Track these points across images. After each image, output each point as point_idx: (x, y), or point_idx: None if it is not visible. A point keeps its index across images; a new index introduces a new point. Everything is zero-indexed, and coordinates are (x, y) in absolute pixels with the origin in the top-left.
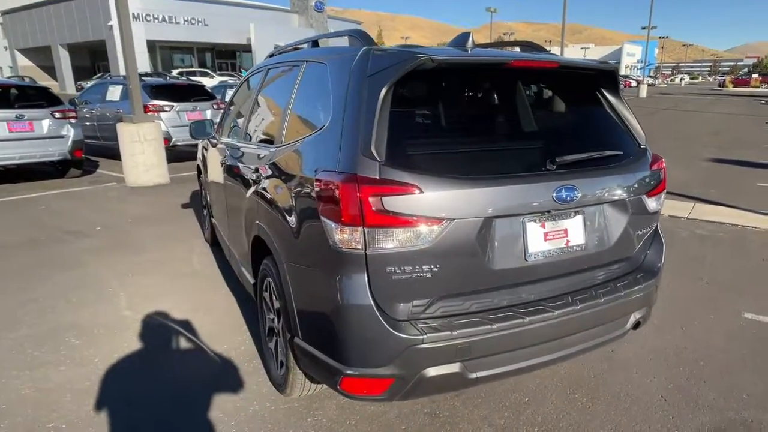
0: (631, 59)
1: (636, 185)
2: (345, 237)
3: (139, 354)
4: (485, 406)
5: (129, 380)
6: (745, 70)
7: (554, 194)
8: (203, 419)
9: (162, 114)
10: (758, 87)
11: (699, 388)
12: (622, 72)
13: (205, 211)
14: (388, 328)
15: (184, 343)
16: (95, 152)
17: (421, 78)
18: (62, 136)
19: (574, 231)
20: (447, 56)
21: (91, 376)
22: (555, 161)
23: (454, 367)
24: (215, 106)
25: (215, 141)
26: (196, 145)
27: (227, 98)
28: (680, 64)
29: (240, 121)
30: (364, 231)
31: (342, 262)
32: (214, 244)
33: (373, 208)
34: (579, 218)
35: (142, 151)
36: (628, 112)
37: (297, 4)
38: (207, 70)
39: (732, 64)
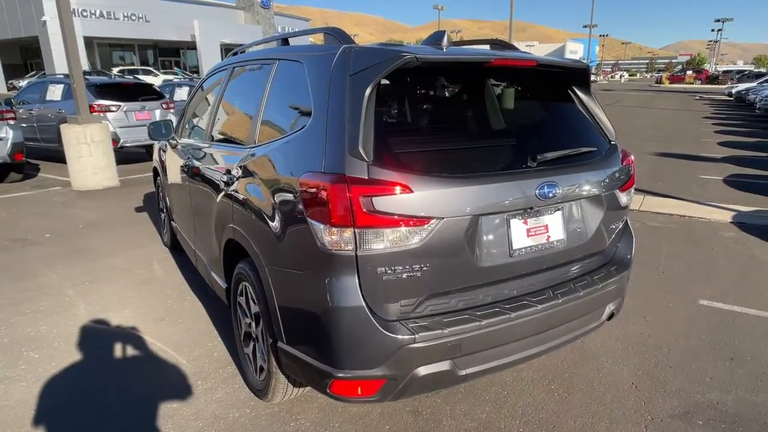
0: (573, 56)
1: (609, 180)
2: (334, 239)
3: (105, 366)
4: (466, 401)
5: (96, 394)
6: (680, 67)
7: (537, 191)
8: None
9: (108, 114)
10: (692, 83)
11: (666, 374)
12: None
13: (163, 215)
14: (380, 328)
15: (153, 353)
16: (35, 155)
17: (405, 76)
18: (0, 139)
19: (555, 226)
20: (431, 55)
21: (55, 391)
22: (536, 158)
23: (444, 365)
24: (164, 106)
25: (174, 142)
26: (145, 147)
27: (175, 97)
28: (619, 62)
29: (203, 121)
30: (354, 232)
31: (331, 264)
32: (174, 248)
33: (364, 209)
34: (558, 214)
35: (89, 153)
36: (599, 109)
37: (243, 1)
38: (150, 69)
39: (667, 61)
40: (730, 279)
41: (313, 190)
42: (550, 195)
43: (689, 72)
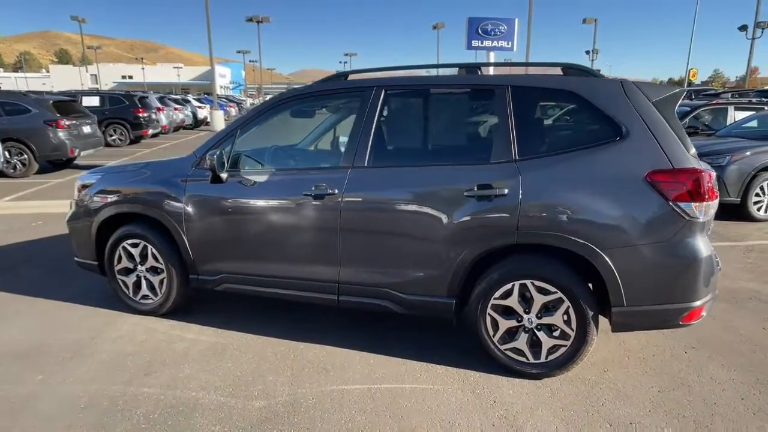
0: (223, 80)
1: None
2: (700, 211)
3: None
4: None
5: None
6: None
7: None
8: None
9: None
10: None
11: None
12: (218, 92)
13: (141, 276)
14: (716, 266)
15: (405, 394)
16: None
17: None
18: None
19: None
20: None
21: None
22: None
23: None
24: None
25: (226, 175)
26: None
27: None
28: (263, 86)
29: (333, 148)
30: (706, 204)
31: (696, 229)
32: (175, 312)
33: (712, 188)
34: None
35: None
36: None
37: None
38: None
39: (299, 85)
40: None
41: (677, 180)
42: None
43: None
